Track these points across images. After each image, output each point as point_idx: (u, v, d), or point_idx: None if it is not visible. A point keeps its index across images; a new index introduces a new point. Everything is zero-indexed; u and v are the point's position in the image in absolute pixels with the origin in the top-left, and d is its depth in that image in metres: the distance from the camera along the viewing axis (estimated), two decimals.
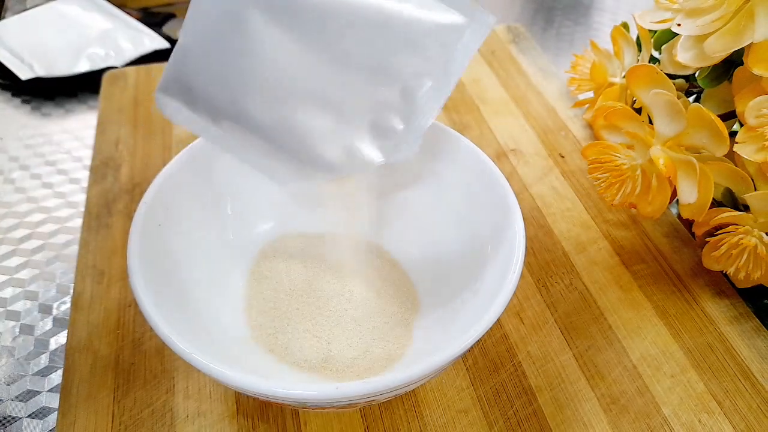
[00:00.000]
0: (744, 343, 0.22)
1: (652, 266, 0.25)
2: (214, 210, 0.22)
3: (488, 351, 0.22)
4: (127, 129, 0.30)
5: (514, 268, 0.17)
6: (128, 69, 0.34)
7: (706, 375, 0.21)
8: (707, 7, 0.22)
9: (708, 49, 0.21)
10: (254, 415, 0.20)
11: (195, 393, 0.20)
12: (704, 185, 0.21)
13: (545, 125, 0.31)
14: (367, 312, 0.20)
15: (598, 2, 0.45)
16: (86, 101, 0.34)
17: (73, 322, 0.22)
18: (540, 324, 0.22)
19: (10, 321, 0.24)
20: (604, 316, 0.23)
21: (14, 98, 0.35)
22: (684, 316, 0.23)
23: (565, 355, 0.21)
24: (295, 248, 0.23)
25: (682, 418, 0.20)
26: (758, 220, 0.21)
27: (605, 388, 0.21)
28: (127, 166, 0.28)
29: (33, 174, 0.30)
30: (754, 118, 0.20)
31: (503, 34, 0.38)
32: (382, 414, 0.20)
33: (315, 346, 0.20)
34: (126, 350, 0.21)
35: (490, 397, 0.20)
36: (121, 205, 0.27)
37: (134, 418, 0.19)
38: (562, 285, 0.24)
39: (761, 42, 0.20)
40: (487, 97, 0.33)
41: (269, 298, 0.21)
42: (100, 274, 0.24)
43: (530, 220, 0.26)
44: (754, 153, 0.20)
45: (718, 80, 0.23)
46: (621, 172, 0.23)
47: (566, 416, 0.20)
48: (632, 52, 0.27)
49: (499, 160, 0.29)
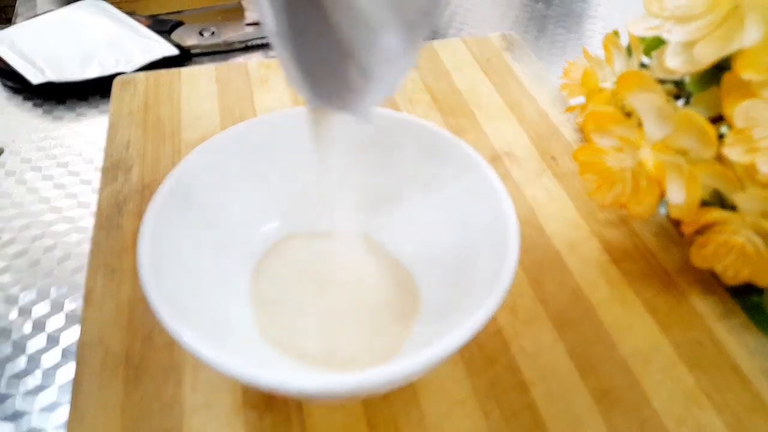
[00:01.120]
0: (732, 338, 0.23)
1: (642, 264, 0.25)
2: (222, 210, 0.23)
3: (484, 345, 0.22)
4: (137, 132, 0.31)
5: (509, 266, 0.18)
6: (138, 75, 0.35)
7: (695, 370, 0.21)
8: (697, 13, 0.22)
9: (697, 55, 0.22)
10: (261, 406, 0.20)
11: (203, 386, 0.21)
12: (692, 187, 0.22)
13: (538, 129, 0.32)
14: (369, 307, 0.21)
15: (591, 11, 0.46)
16: (97, 105, 0.35)
17: (85, 318, 0.23)
18: (533, 319, 0.23)
19: (22, 317, 0.24)
20: (595, 313, 0.24)
21: (26, 102, 0.35)
22: (673, 312, 0.24)
23: (558, 350, 0.22)
24: (299, 246, 0.23)
25: (672, 411, 0.20)
26: (745, 220, 0.22)
27: (596, 381, 0.21)
28: (138, 168, 0.29)
29: (45, 175, 0.31)
30: (742, 120, 0.21)
31: (498, 42, 0.39)
32: (383, 404, 0.20)
33: (319, 341, 0.20)
34: (136, 345, 0.22)
35: (486, 389, 0.21)
36: (132, 205, 0.27)
37: (144, 411, 0.20)
38: (555, 282, 0.25)
39: (750, 48, 0.21)
40: (482, 102, 0.34)
41: (274, 294, 0.22)
42: (111, 271, 0.24)
43: (524, 220, 0.27)
44: (742, 155, 0.21)
45: (707, 85, 0.24)
46: (611, 174, 0.23)
47: (559, 408, 0.20)
48: (623, 59, 0.28)
49: (493, 163, 0.30)
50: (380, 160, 0.24)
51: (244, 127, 0.23)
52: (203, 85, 0.34)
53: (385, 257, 0.24)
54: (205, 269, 0.21)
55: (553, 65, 0.40)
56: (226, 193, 0.23)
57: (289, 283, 0.22)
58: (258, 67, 0.36)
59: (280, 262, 0.23)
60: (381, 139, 0.24)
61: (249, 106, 0.33)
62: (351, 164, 0.25)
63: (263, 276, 0.22)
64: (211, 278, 0.21)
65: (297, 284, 0.22)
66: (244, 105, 0.33)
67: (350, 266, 0.23)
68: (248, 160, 0.23)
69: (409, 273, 0.23)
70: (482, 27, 0.44)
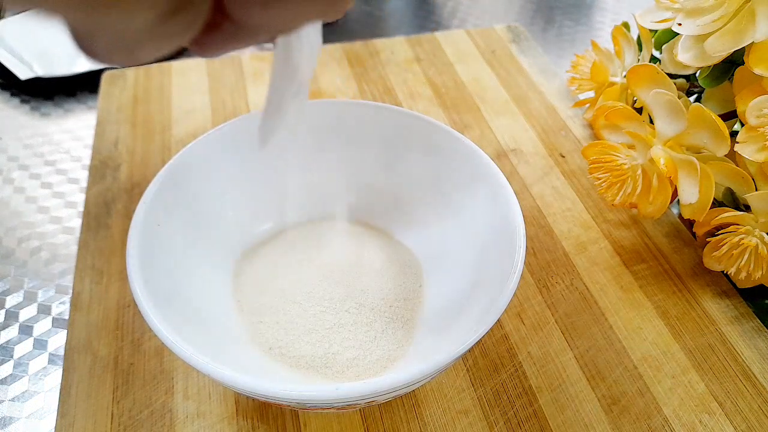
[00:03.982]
0: (745, 343, 0.22)
1: (653, 266, 0.25)
2: (213, 210, 0.22)
3: (488, 351, 0.21)
4: (126, 129, 0.30)
5: (514, 269, 0.17)
6: (127, 69, 0.34)
7: (707, 375, 0.21)
8: (708, 6, 0.22)
9: (709, 49, 0.21)
10: (254, 416, 0.20)
11: (194, 394, 0.20)
12: (705, 185, 0.21)
13: (546, 125, 0.31)
14: (367, 312, 0.20)
15: (600, 2, 0.45)
16: (85, 101, 0.34)
17: (72, 322, 0.22)
18: (541, 324, 0.22)
19: (9, 321, 0.24)
20: (604, 317, 0.23)
21: (13, 98, 0.34)
22: (685, 316, 0.23)
23: (566, 356, 0.21)
24: (293, 249, 0.23)
25: (683, 419, 0.20)
26: (759, 220, 0.21)
27: (606, 388, 0.20)
28: (126, 165, 0.28)
29: (32, 174, 0.30)
30: (755, 117, 0.20)
31: (503, 34, 0.38)
32: (382, 415, 0.20)
33: (315, 346, 0.19)
34: (125, 350, 0.21)
35: (490, 398, 0.20)
36: (120, 205, 0.26)
37: (133, 419, 0.19)
38: (563, 285, 0.24)
39: (762, 42, 0.20)
40: (487, 96, 0.33)
41: (268, 299, 0.21)
42: (99, 274, 0.24)
43: (530, 220, 0.26)
44: (755, 153, 0.20)
45: (718, 80, 0.23)
46: (622, 172, 0.23)
47: (567, 417, 0.20)
48: (633, 52, 0.27)
49: (499, 160, 0.29)
50: (381, 159, 0.23)
51: (237, 123, 0.22)
52: (194, 78, 0.33)
53: (385, 258, 0.23)
54: (197, 273, 0.20)
55: (560, 58, 0.39)
56: (219, 193, 0.22)
57: (282, 287, 0.21)
58: (251, 59, 0.35)
59: (273, 264, 0.22)
60: (382, 137, 0.23)
61: (242, 100, 0.32)
62: (351, 162, 0.24)
63: (256, 279, 0.21)
64: (203, 281, 0.20)
65: (291, 288, 0.21)
66: (237, 99, 0.32)
67: (348, 270, 0.22)
68: (241, 159, 0.23)
69: (410, 275, 0.22)
70: (487, 18, 0.43)
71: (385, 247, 0.23)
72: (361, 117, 0.23)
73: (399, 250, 0.23)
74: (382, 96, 0.33)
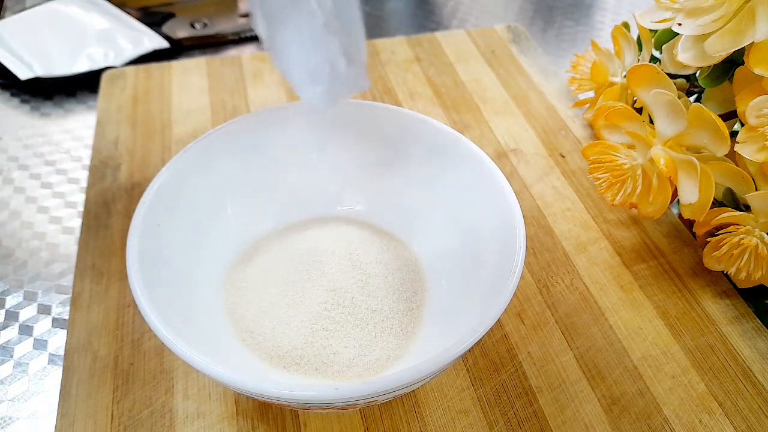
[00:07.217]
0: (745, 343, 0.22)
1: (653, 266, 0.25)
2: (213, 210, 0.22)
3: (489, 351, 0.21)
4: (126, 129, 0.30)
5: (514, 269, 0.17)
6: (127, 69, 0.34)
7: (707, 375, 0.21)
8: (708, 6, 0.22)
9: (709, 49, 0.21)
10: (254, 416, 0.20)
11: (194, 394, 0.20)
12: (705, 185, 0.21)
13: (546, 125, 0.31)
14: (366, 312, 0.20)
15: (600, 2, 0.45)
16: (85, 101, 0.34)
17: (72, 322, 0.22)
18: (540, 324, 0.22)
19: (9, 321, 0.24)
20: (604, 317, 0.23)
21: (13, 98, 0.34)
22: (685, 316, 0.23)
23: (566, 356, 0.21)
24: (294, 249, 0.23)
25: (683, 419, 0.20)
26: (759, 220, 0.21)
27: (606, 388, 0.21)
28: (126, 165, 0.28)
29: (32, 174, 0.30)
30: (755, 117, 0.20)
31: (503, 34, 0.38)
32: (382, 415, 0.20)
33: (315, 346, 0.19)
34: (125, 351, 0.21)
35: (490, 398, 0.20)
36: (120, 205, 0.26)
37: (133, 419, 0.19)
38: (563, 285, 0.24)
39: (762, 42, 0.20)
40: (487, 96, 0.33)
41: (270, 298, 0.21)
42: (99, 274, 0.24)
43: (530, 219, 0.26)
44: (755, 153, 0.20)
45: (718, 80, 0.23)
46: (622, 172, 0.23)
47: (567, 417, 0.20)
48: (633, 52, 0.27)
49: (499, 160, 0.29)
50: (382, 159, 0.23)
51: (237, 123, 0.22)
52: (195, 78, 0.33)
53: (384, 258, 0.23)
54: (197, 272, 0.20)
55: (560, 58, 0.39)
56: (219, 193, 0.22)
57: (283, 287, 0.21)
58: (251, 59, 0.35)
59: (273, 264, 0.22)
60: (382, 137, 0.23)
61: (242, 101, 0.32)
62: (351, 162, 0.24)
63: (256, 279, 0.21)
64: (203, 281, 0.20)
65: (291, 288, 0.21)
66: (237, 99, 0.32)
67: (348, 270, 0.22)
68: (241, 159, 0.23)
69: (409, 275, 0.22)
70: (487, 18, 0.43)
71: (385, 247, 0.23)
72: (361, 117, 0.23)
73: (399, 250, 0.23)
74: (382, 96, 0.33)
